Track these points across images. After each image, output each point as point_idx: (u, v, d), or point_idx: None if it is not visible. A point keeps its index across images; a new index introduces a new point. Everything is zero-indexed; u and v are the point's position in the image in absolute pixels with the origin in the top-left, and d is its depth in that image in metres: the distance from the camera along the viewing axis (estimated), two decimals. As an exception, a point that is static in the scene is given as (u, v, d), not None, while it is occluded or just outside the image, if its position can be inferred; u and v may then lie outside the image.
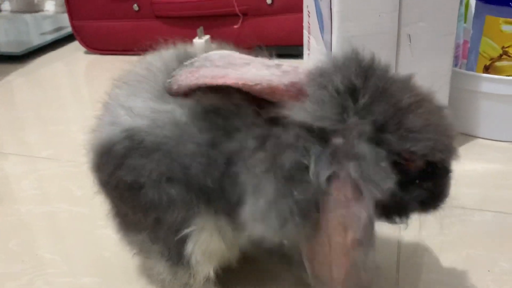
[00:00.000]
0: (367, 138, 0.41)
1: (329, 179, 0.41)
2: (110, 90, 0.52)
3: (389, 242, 0.64)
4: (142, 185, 0.46)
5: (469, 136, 0.90)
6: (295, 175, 0.42)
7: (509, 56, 0.86)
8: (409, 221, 0.47)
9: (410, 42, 0.74)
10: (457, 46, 1.01)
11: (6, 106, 1.20)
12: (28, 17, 1.98)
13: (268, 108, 0.44)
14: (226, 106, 0.44)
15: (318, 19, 0.80)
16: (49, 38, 1.62)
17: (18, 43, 1.60)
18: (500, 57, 0.87)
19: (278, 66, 0.46)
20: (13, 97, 1.27)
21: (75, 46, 1.57)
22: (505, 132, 0.87)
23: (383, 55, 0.45)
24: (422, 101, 0.43)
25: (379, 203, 0.42)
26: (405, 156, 0.42)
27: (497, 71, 0.87)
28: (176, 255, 0.49)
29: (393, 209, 0.45)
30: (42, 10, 2.06)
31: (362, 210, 0.41)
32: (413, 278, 0.58)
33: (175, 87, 0.46)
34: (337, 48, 0.72)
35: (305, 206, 0.42)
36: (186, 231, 0.47)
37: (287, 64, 0.46)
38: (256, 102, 0.44)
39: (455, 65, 0.99)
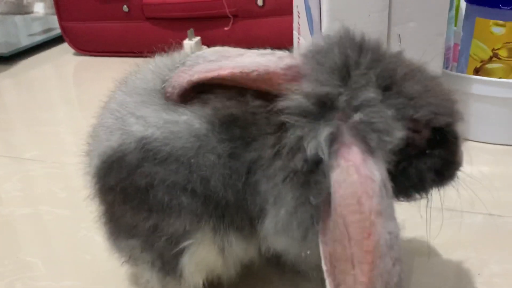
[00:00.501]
0: (370, 89, 0.40)
1: (335, 149, 0.39)
2: (113, 94, 0.50)
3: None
4: (154, 186, 0.44)
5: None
6: (310, 178, 0.40)
7: (499, 58, 0.85)
8: (429, 196, 0.46)
9: (400, 42, 0.73)
10: (447, 49, 1.01)
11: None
12: (17, 18, 1.97)
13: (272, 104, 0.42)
14: (242, 114, 0.43)
15: (307, 20, 0.79)
16: (37, 39, 1.60)
17: (6, 45, 1.58)
18: (490, 59, 0.87)
19: (273, 53, 0.45)
20: (0, 98, 1.25)
21: (64, 48, 1.55)
22: (496, 134, 0.86)
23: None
24: (417, 70, 0.43)
25: (396, 178, 0.41)
26: (410, 126, 0.42)
27: (488, 74, 0.87)
28: (169, 266, 0.48)
29: (410, 183, 0.44)
30: (32, 12, 2.04)
31: (375, 171, 0.38)
32: (402, 281, 0.57)
33: (169, 89, 0.46)
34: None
35: (319, 210, 0.40)
36: (185, 243, 0.46)
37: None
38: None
39: (446, 67, 0.99)
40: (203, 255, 0.47)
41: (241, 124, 0.43)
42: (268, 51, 0.46)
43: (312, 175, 0.41)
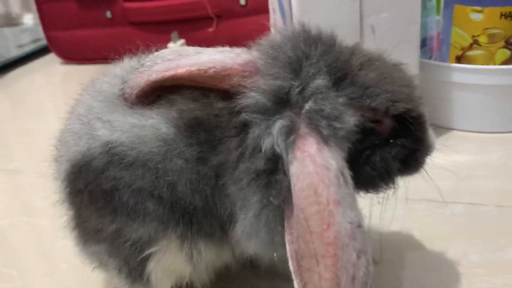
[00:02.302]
0: (320, 77, 0.40)
1: (291, 141, 0.38)
2: (80, 98, 0.49)
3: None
4: (119, 190, 0.43)
5: (443, 129, 0.88)
6: (271, 178, 0.40)
7: (479, 45, 0.84)
8: (395, 185, 0.45)
9: (374, 33, 0.72)
10: (430, 38, 1.00)
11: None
12: (6, 31, 1.97)
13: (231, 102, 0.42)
14: (207, 117, 0.42)
15: (281, 14, 0.79)
16: (25, 50, 1.61)
17: (-5, 57, 1.59)
18: (471, 47, 0.85)
19: (231, 50, 0.44)
20: (-14, 111, 1.25)
21: (52, 57, 1.55)
22: (478, 122, 0.85)
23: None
24: (373, 59, 0.43)
25: (362, 168, 0.41)
26: (369, 116, 0.41)
27: (469, 61, 0.86)
28: (136, 272, 0.47)
29: (376, 173, 0.43)
30: (22, 24, 2.05)
31: (330, 160, 0.37)
32: (379, 275, 0.56)
33: (128, 91, 0.45)
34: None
35: (282, 210, 0.39)
36: (150, 250, 0.45)
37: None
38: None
39: (430, 57, 0.98)
40: (169, 262, 0.46)
41: (206, 128, 0.42)
42: (227, 48, 0.46)
43: (273, 175, 0.40)
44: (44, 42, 1.60)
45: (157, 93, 0.45)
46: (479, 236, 0.61)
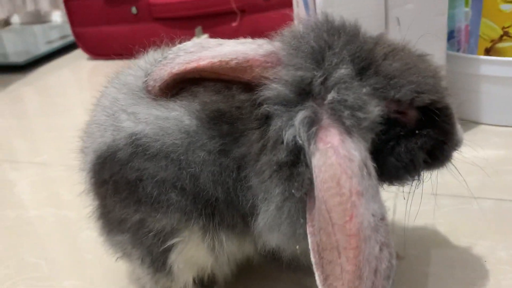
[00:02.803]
0: (343, 67, 0.39)
1: (313, 132, 0.38)
2: (105, 90, 0.50)
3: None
4: (143, 181, 0.44)
5: (471, 122, 0.86)
6: (293, 171, 0.39)
7: (509, 36, 0.82)
8: (420, 178, 0.44)
9: (399, 25, 0.71)
10: (458, 30, 0.97)
11: (6, 114, 1.21)
12: (36, 28, 2.01)
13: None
14: (229, 109, 0.42)
15: (304, 7, 0.78)
16: (53, 46, 1.64)
17: (22, 53, 1.62)
18: (500, 38, 0.83)
19: (253, 41, 0.44)
20: (15, 105, 1.28)
21: (79, 53, 1.58)
22: (507, 116, 0.83)
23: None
24: (397, 50, 0.42)
25: (386, 159, 0.40)
26: (393, 107, 0.40)
27: (499, 53, 0.83)
28: (158, 263, 0.47)
29: (401, 164, 0.42)
30: (50, 21, 2.09)
31: (353, 151, 0.37)
32: (403, 271, 0.55)
33: (151, 83, 0.45)
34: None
35: (304, 202, 0.39)
36: (173, 241, 0.45)
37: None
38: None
39: (458, 49, 0.95)
40: (191, 253, 0.47)
41: (228, 120, 0.42)
42: (249, 39, 0.46)
43: (295, 167, 0.39)
44: (71, 38, 1.63)
45: (180, 86, 0.45)
46: (507, 232, 0.59)
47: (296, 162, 0.39)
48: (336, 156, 0.37)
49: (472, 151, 0.75)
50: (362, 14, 0.69)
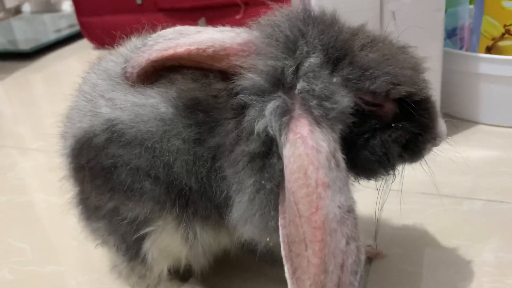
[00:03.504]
0: (313, 55, 0.38)
1: (285, 123, 0.37)
2: (87, 75, 0.50)
3: (364, 230, 0.60)
4: (117, 168, 0.44)
5: (470, 122, 0.84)
6: (265, 162, 0.39)
7: (511, 35, 0.80)
8: (396, 173, 0.43)
9: (395, 19, 0.69)
10: (461, 28, 0.95)
11: (7, 101, 1.22)
12: (46, 16, 2.03)
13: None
14: (205, 98, 0.42)
15: (300, 0, 0.77)
16: (61, 35, 1.65)
17: (30, 41, 1.63)
18: (502, 37, 0.81)
19: (231, 29, 0.44)
20: (19, 92, 1.29)
21: (86, 43, 1.58)
22: (508, 116, 0.81)
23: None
24: (376, 41, 0.41)
25: (360, 152, 0.40)
26: (368, 99, 0.39)
27: (500, 52, 0.81)
28: (133, 251, 0.47)
29: (375, 157, 0.41)
30: (60, 10, 2.10)
31: (321, 142, 0.36)
32: (384, 269, 0.54)
33: (129, 69, 0.45)
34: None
35: (275, 194, 0.38)
36: (146, 230, 0.45)
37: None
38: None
39: (461, 47, 0.94)
40: (165, 243, 0.46)
41: (204, 109, 0.42)
42: (227, 27, 0.45)
43: (268, 158, 0.39)
44: (77, 28, 1.64)
45: (159, 73, 0.45)
46: (495, 234, 0.58)
47: (268, 153, 0.39)
48: (304, 146, 0.36)
49: (467, 151, 0.74)
50: (356, 8, 0.68)
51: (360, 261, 0.36)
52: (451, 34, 0.89)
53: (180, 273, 0.51)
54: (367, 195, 0.45)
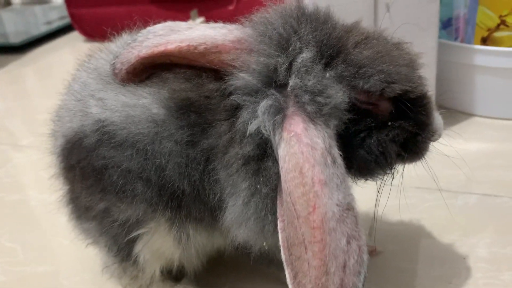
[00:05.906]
0: (306, 51, 0.37)
1: (278, 122, 0.37)
2: (76, 73, 0.49)
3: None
4: (109, 169, 0.43)
5: (465, 114, 0.83)
6: (261, 165, 0.38)
7: (506, 25, 0.79)
8: (394, 172, 0.42)
9: (389, 11, 0.68)
10: (457, 18, 0.94)
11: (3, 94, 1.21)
12: (36, 8, 2.00)
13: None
14: (198, 99, 0.41)
15: (293, -8, 0.76)
16: (52, 27, 1.62)
17: (19, 34, 1.61)
18: (497, 27, 0.80)
19: (224, 26, 0.43)
20: (10, 86, 1.27)
21: (77, 35, 1.56)
22: (503, 108, 0.80)
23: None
24: (370, 38, 0.40)
25: (357, 152, 0.39)
26: (364, 98, 0.39)
27: (496, 43, 0.81)
28: (124, 252, 0.47)
29: (372, 157, 0.40)
30: (51, 2, 2.07)
31: (316, 139, 0.35)
32: (378, 266, 0.53)
33: (118, 66, 0.44)
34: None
35: (272, 198, 0.38)
36: (138, 232, 0.45)
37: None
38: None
39: (455, 38, 0.93)
40: (157, 244, 0.46)
41: (197, 110, 0.41)
42: (220, 24, 0.44)
43: (262, 162, 0.38)
44: (68, 20, 1.62)
45: (150, 71, 0.44)
46: (490, 229, 0.57)
47: (263, 156, 0.38)
48: (299, 144, 0.35)
49: (462, 144, 0.73)
50: (350, 0, 0.67)
51: (363, 261, 0.36)
52: (446, 25, 0.88)
53: (173, 274, 0.50)
54: (362, 191, 0.44)
